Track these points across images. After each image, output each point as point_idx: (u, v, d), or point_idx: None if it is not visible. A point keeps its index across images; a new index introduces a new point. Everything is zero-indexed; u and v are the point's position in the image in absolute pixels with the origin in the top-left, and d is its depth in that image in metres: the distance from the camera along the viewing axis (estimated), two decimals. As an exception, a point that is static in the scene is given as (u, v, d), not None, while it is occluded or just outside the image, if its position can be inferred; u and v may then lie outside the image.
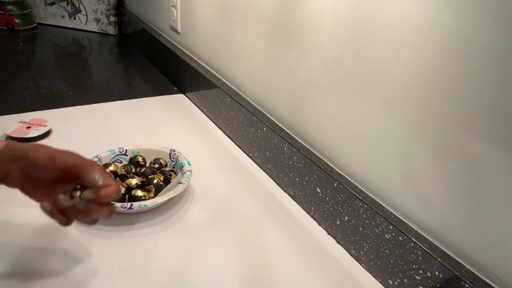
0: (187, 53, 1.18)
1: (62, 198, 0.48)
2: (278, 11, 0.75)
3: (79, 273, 0.56)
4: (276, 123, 0.80)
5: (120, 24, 1.68)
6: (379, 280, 0.59)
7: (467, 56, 0.45)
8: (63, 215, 0.49)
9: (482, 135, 0.45)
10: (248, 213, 0.71)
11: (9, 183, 0.47)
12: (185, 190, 0.74)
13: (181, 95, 1.18)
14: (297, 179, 0.73)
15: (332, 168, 0.67)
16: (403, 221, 0.56)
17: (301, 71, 0.72)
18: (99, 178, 0.45)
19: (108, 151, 0.77)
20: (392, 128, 0.56)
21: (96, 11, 1.64)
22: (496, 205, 0.45)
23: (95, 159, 0.74)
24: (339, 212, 0.64)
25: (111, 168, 0.72)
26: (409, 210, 0.56)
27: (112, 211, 0.47)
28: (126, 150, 0.78)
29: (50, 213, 0.49)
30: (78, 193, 0.47)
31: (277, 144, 0.77)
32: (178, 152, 0.78)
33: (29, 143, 0.47)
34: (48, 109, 1.01)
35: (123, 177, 0.71)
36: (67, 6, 1.67)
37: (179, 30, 1.21)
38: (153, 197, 0.69)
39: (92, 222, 0.48)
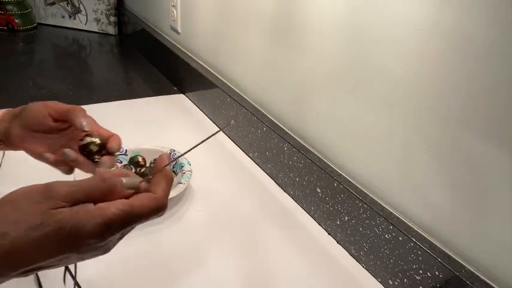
0: (187, 53, 1.18)
1: (67, 151, 0.50)
2: (278, 11, 0.75)
3: (78, 274, 0.56)
4: (276, 123, 0.80)
5: (120, 24, 1.67)
6: (379, 280, 0.59)
7: (468, 56, 0.45)
8: (66, 165, 0.51)
9: (482, 135, 0.45)
10: (248, 213, 0.71)
11: (11, 141, 0.50)
12: (185, 190, 0.74)
13: (181, 95, 1.18)
14: (297, 179, 0.73)
15: (332, 168, 0.67)
16: (403, 221, 0.56)
17: (301, 71, 0.72)
18: (86, 124, 0.48)
19: (108, 151, 0.77)
20: (392, 128, 0.56)
21: (96, 11, 1.64)
22: (496, 205, 0.45)
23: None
24: (339, 212, 0.64)
25: (111, 168, 0.72)
26: (409, 210, 0.56)
27: (113, 162, 0.50)
28: (126, 150, 0.78)
29: (54, 163, 0.51)
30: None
31: (277, 144, 0.77)
32: (178, 152, 0.78)
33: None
34: (48, 109, 1.01)
35: (123, 177, 0.71)
36: (67, 6, 1.67)
37: (179, 30, 1.21)
38: (153, 197, 0.68)
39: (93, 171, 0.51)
